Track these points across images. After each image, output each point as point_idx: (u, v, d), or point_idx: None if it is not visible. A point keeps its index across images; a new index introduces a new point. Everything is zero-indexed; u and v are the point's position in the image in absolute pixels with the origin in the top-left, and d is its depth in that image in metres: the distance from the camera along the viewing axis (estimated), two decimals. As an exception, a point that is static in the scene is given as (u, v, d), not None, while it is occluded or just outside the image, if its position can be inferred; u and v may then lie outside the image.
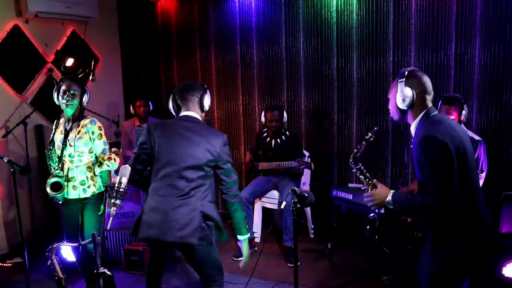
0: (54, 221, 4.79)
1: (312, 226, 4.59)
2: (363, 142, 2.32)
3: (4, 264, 4.19)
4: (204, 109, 2.59)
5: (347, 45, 4.43)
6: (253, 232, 4.38)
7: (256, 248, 4.28)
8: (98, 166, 3.13)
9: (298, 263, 2.55)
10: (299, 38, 4.67)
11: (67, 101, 3.05)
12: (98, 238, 2.10)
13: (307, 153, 4.56)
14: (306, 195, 2.40)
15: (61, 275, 2.30)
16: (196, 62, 5.36)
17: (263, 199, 4.50)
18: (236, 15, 4.99)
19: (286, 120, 4.32)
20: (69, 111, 3.08)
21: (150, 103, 4.97)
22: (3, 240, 4.46)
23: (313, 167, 3.97)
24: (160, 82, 5.70)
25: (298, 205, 2.40)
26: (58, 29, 4.97)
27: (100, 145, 3.13)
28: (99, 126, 3.13)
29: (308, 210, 4.53)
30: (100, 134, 3.12)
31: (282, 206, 2.79)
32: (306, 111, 4.77)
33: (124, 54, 5.81)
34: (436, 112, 2.11)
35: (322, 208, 4.44)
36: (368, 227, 2.49)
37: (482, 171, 3.24)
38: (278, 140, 4.34)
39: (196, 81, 2.66)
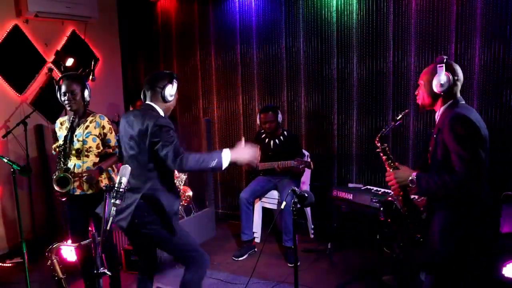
0: (54, 221, 4.79)
1: (312, 226, 4.59)
2: (392, 122, 2.38)
3: (4, 264, 4.19)
4: (166, 100, 2.61)
5: (347, 45, 4.43)
6: (253, 232, 4.38)
7: (256, 248, 4.28)
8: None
9: (298, 263, 2.55)
10: (299, 38, 4.66)
11: (69, 101, 3.05)
12: (98, 238, 2.10)
13: (306, 153, 4.56)
14: (306, 195, 2.40)
15: (61, 275, 2.30)
16: (196, 62, 5.36)
17: (263, 199, 4.50)
18: (236, 15, 4.99)
19: (281, 120, 4.30)
20: (73, 110, 3.09)
21: None
22: (3, 240, 4.47)
23: (312, 166, 3.98)
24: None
25: (298, 205, 2.40)
26: (58, 29, 4.97)
27: (112, 139, 3.18)
28: (107, 121, 3.18)
29: (308, 210, 4.53)
30: (111, 128, 3.18)
31: (282, 206, 2.80)
32: (306, 111, 4.77)
33: (124, 54, 5.81)
34: (464, 102, 2.20)
35: (322, 208, 4.44)
36: (382, 208, 2.49)
37: None
38: (277, 140, 4.34)
39: (167, 70, 2.68)
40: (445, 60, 2.19)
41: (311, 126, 4.77)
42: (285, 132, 4.38)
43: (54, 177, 3.05)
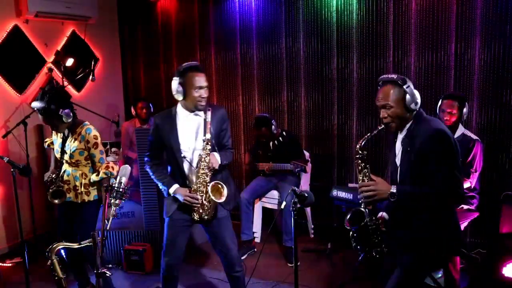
0: (54, 221, 4.79)
1: (312, 226, 4.59)
2: (374, 131, 2.30)
3: (4, 264, 4.19)
4: (175, 97, 2.66)
5: (347, 45, 4.43)
6: (253, 232, 4.38)
7: (256, 248, 4.28)
8: (96, 175, 3.12)
9: (298, 263, 2.55)
10: (299, 38, 4.66)
11: (53, 130, 3.12)
12: (98, 238, 2.10)
13: (307, 153, 4.56)
14: (306, 195, 2.40)
15: (61, 275, 2.30)
16: (196, 62, 5.36)
17: (263, 199, 4.50)
18: (236, 15, 4.99)
19: (275, 129, 4.27)
20: (61, 133, 3.12)
21: (151, 105, 4.98)
22: (3, 240, 4.47)
23: (307, 170, 3.99)
24: (160, 82, 5.70)
25: (298, 205, 2.40)
26: (58, 29, 4.98)
27: (97, 154, 3.09)
28: (94, 135, 3.07)
29: (308, 210, 4.53)
30: (96, 143, 3.07)
31: (282, 206, 2.79)
32: (306, 111, 4.77)
33: (124, 54, 5.81)
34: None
35: (322, 208, 4.44)
36: (349, 216, 2.33)
37: (475, 171, 3.23)
38: (276, 142, 4.34)
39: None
40: (405, 78, 2.22)
41: (311, 126, 4.77)
42: (284, 133, 4.38)
43: (50, 190, 3.09)
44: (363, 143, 2.27)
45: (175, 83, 2.63)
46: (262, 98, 5.00)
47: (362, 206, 2.28)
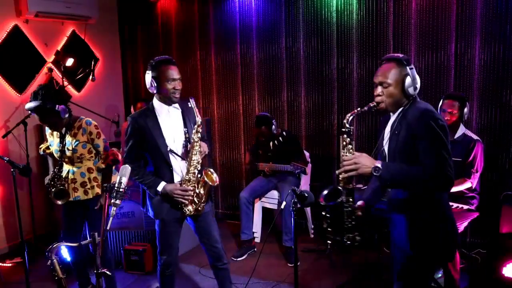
0: (54, 221, 4.79)
1: (312, 226, 4.59)
2: (365, 108, 2.19)
3: (4, 264, 4.19)
4: (149, 90, 2.68)
5: (347, 45, 4.43)
6: (253, 232, 4.38)
7: (255, 248, 4.28)
8: (103, 162, 3.15)
9: (298, 263, 2.55)
10: (299, 38, 4.66)
11: (50, 129, 3.11)
12: (98, 238, 2.10)
13: (307, 153, 4.56)
14: (306, 195, 2.40)
15: (61, 275, 2.29)
16: (196, 62, 5.36)
17: (263, 199, 4.50)
18: (236, 15, 4.99)
19: (275, 129, 4.29)
20: (58, 131, 3.11)
21: None
22: (3, 240, 4.47)
23: (307, 171, 3.99)
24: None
25: (298, 205, 2.40)
26: (58, 29, 4.98)
27: (101, 143, 3.13)
28: (95, 125, 3.11)
29: (308, 210, 4.53)
30: (98, 133, 3.11)
31: (282, 206, 2.79)
32: (306, 111, 4.77)
33: (124, 54, 5.82)
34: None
35: (322, 208, 4.43)
36: (326, 192, 2.22)
37: (476, 171, 3.23)
38: (276, 142, 4.34)
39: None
40: (409, 60, 2.12)
41: (311, 126, 4.77)
42: (284, 133, 4.37)
43: (53, 190, 3.06)
44: (350, 118, 2.18)
45: (148, 77, 2.66)
46: (262, 98, 5.00)
47: (340, 184, 2.18)
